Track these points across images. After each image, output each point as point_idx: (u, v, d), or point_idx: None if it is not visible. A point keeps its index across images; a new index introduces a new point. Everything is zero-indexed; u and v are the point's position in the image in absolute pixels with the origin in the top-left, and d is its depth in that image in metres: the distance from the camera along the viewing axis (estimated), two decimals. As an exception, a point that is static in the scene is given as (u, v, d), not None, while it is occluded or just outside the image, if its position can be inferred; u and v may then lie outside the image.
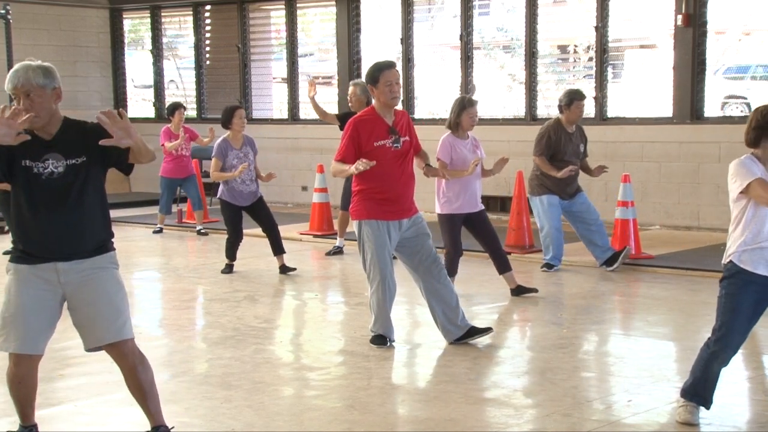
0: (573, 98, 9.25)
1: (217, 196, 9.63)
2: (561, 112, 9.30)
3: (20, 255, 4.48)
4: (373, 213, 6.52)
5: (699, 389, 5.04)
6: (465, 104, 8.04)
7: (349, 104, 10.39)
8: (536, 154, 9.22)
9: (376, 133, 6.50)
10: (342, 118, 10.59)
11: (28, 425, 4.78)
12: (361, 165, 6.31)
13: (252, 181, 9.47)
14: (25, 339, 4.48)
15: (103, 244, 4.53)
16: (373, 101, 6.66)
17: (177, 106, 12.80)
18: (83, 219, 4.45)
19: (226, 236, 9.79)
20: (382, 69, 6.56)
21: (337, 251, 10.80)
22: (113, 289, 4.51)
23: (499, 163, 8.06)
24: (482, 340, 6.77)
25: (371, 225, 6.52)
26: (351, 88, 10.30)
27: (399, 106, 6.80)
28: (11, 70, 4.42)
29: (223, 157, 9.41)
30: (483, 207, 8.23)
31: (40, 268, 4.45)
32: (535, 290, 8.29)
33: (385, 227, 6.52)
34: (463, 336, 6.71)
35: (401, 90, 6.71)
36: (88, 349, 4.60)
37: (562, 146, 9.15)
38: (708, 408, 5.10)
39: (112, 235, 4.62)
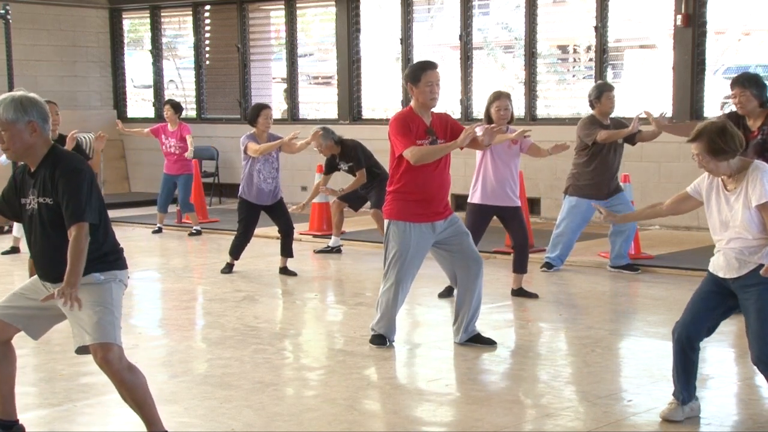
0: (602, 90, 9.11)
1: (238, 194, 9.61)
2: (593, 107, 9.11)
3: None
4: (402, 214, 6.47)
5: (675, 381, 5.11)
6: (492, 98, 8.04)
7: (320, 153, 10.47)
8: (594, 138, 8.92)
9: (416, 131, 6.44)
10: (329, 164, 10.59)
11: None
12: (478, 128, 6.45)
13: (273, 179, 9.47)
14: (3, 305, 4.66)
15: (88, 268, 4.42)
16: (411, 101, 6.57)
17: (165, 102, 12.89)
18: (58, 251, 4.40)
19: (233, 234, 9.78)
20: (425, 68, 6.50)
21: (329, 251, 10.80)
22: (91, 298, 4.41)
23: (557, 147, 8.18)
24: (482, 340, 6.78)
25: (398, 226, 6.49)
26: (315, 142, 10.23)
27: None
28: None
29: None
30: (518, 204, 8.15)
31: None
32: (535, 296, 8.27)
33: (416, 230, 6.46)
34: (467, 340, 6.72)
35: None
36: (75, 351, 4.59)
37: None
38: (686, 402, 5.09)
39: (106, 255, 4.52)
